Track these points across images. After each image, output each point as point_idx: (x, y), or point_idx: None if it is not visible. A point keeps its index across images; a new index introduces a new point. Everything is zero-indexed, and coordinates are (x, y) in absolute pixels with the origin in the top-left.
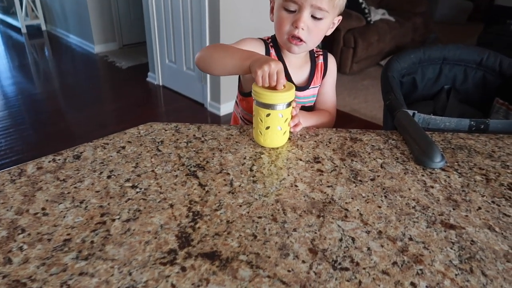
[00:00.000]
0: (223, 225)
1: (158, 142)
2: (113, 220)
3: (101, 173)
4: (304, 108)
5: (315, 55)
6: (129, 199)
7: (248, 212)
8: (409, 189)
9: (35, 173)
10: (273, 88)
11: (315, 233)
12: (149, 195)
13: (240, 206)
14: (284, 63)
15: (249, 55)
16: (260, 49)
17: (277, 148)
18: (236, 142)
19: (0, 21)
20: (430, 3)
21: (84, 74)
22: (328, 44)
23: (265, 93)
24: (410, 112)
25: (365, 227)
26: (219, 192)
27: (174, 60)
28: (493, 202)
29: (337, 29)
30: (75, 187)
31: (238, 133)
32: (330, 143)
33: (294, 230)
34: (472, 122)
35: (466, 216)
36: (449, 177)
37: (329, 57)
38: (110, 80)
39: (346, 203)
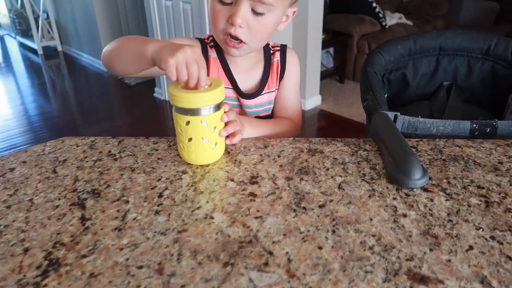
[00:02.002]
0: (82, 281)
1: (59, 162)
2: None
3: None
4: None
5: (271, 51)
6: None
7: (127, 259)
8: (371, 220)
9: None
10: (194, 88)
11: None
12: (6, 234)
13: (121, 249)
14: (227, 65)
15: (155, 41)
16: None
17: (207, 166)
18: (158, 159)
19: (20, 43)
20: (451, 6)
21: (96, 91)
22: (341, 50)
23: (181, 95)
24: (391, 114)
25: (289, 282)
26: (101, 229)
27: None
28: (492, 238)
29: (350, 35)
30: None
31: (166, 147)
32: (279, 157)
33: (182, 287)
34: (474, 125)
35: (449, 261)
36: (432, 200)
37: (288, 52)
38: (119, 96)
39: (273, 242)
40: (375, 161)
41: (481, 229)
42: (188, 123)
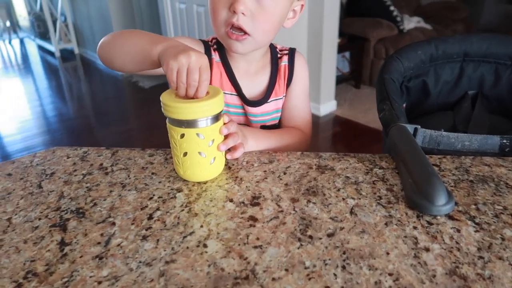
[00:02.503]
0: None
1: (46, 175)
2: None
3: None
4: (264, 129)
5: (278, 55)
6: None
7: None
8: (388, 254)
9: None
10: (200, 97)
11: None
12: None
13: (99, 283)
14: (231, 70)
15: (163, 40)
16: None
17: (205, 183)
18: (153, 173)
19: (38, 46)
20: (472, 9)
21: (111, 94)
22: (357, 55)
23: (174, 105)
24: (411, 127)
25: None
26: (80, 257)
27: None
28: None
29: (366, 39)
30: None
31: (162, 160)
32: (285, 174)
33: None
34: (505, 141)
35: None
36: (458, 231)
37: (296, 56)
38: (133, 99)
39: (273, 279)
40: (392, 181)
41: None
42: (182, 136)
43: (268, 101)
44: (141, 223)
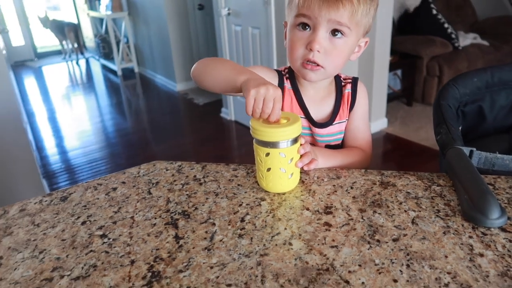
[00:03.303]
0: None
1: (153, 184)
2: (62, 276)
3: (77, 218)
4: (329, 148)
5: (342, 83)
6: (91, 251)
7: (217, 277)
8: (446, 257)
9: (15, 216)
10: (272, 122)
11: None
12: (115, 247)
13: (211, 268)
14: (300, 96)
15: (246, 71)
16: (273, 80)
17: (284, 194)
18: (238, 185)
19: (102, 65)
20: None
21: (167, 110)
22: (409, 72)
23: (262, 129)
24: (467, 149)
25: None
26: (193, 248)
27: None
28: None
29: (419, 56)
30: (44, 234)
31: (245, 174)
32: (352, 188)
33: None
34: None
35: None
36: (511, 241)
37: (358, 84)
38: (188, 115)
39: (349, 272)
40: (449, 197)
41: None
42: (267, 154)
43: (333, 123)
44: (235, 224)
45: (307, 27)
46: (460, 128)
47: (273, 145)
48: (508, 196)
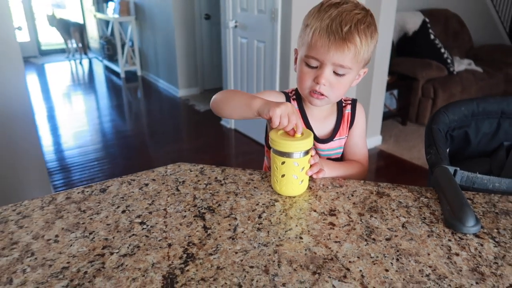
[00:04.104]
0: (212, 271)
1: (180, 182)
2: (112, 253)
3: (118, 207)
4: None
5: (343, 104)
6: (133, 234)
7: (241, 260)
8: (428, 254)
9: (62, 202)
10: (291, 135)
11: None
12: (153, 232)
13: (236, 253)
14: (305, 115)
15: (258, 97)
16: (281, 101)
17: (294, 197)
18: (255, 187)
19: (105, 66)
20: None
21: (167, 115)
22: (405, 93)
23: (280, 141)
24: (452, 168)
25: None
26: (220, 237)
27: None
28: None
29: (415, 78)
30: (90, 218)
31: (260, 178)
32: (352, 195)
33: (283, 285)
34: None
35: None
36: (482, 245)
37: (357, 106)
38: (188, 121)
39: (349, 262)
40: (434, 208)
41: None
42: (283, 163)
43: (334, 139)
44: (254, 219)
45: (315, 65)
46: (448, 150)
47: (288, 155)
48: (483, 209)
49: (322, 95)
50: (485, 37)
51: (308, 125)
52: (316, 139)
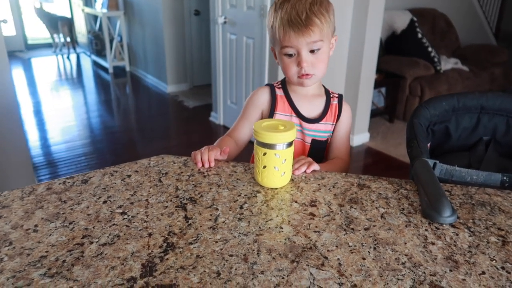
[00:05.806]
0: (192, 259)
1: (163, 174)
2: (91, 242)
3: (99, 198)
4: (316, 143)
5: (330, 95)
6: (114, 224)
7: (221, 249)
8: (405, 243)
9: (43, 193)
10: (274, 130)
11: (283, 278)
12: (134, 222)
13: (216, 242)
14: (291, 99)
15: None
16: (264, 96)
17: (276, 189)
18: (237, 179)
19: (93, 61)
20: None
21: (156, 111)
22: (393, 91)
23: (262, 132)
24: (431, 161)
25: (339, 279)
26: (200, 226)
27: (235, 101)
28: (502, 268)
29: (403, 76)
30: (71, 209)
31: (243, 170)
32: (333, 187)
33: (262, 272)
34: (505, 178)
35: (464, 280)
36: (457, 234)
37: (344, 103)
38: (177, 117)
39: (328, 250)
40: (413, 199)
41: (494, 261)
42: (264, 154)
43: (320, 122)
44: (235, 210)
45: (292, 54)
46: (429, 144)
47: (269, 146)
48: (460, 201)
49: (308, 74)
50: (471, 37)
51: (294, 108)
52: (303, 118)
